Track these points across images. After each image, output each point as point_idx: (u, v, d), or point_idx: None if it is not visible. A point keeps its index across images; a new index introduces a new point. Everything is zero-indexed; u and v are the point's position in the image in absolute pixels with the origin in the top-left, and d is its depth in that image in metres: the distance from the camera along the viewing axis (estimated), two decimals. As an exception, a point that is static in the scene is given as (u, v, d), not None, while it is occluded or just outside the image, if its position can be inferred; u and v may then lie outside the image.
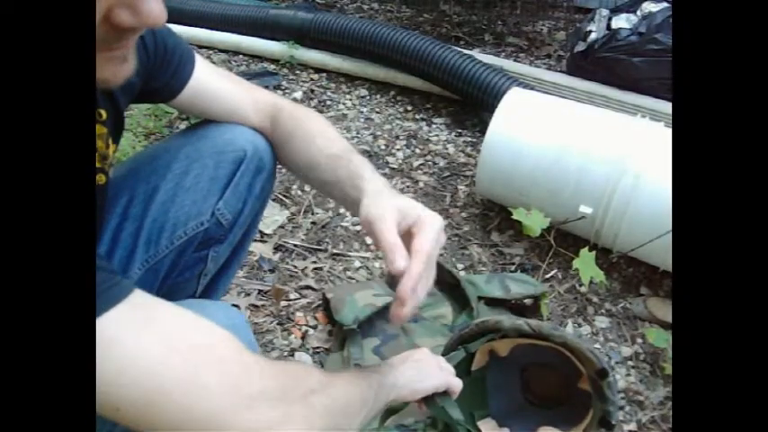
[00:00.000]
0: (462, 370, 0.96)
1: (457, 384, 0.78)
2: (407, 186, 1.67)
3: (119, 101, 0.72)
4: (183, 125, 1.88)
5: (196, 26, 2.43)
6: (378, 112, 2.03)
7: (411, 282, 0.63)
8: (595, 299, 1.34)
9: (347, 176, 0.76)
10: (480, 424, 0.97)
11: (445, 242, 1.46)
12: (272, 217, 1.51)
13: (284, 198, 1.59)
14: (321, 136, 0.81)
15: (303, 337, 1.20)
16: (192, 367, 0.48)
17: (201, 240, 0.84)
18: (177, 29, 2.43)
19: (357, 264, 1.40)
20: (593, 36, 1.91)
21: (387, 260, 0.64)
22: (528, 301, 1.29)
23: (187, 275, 0.87)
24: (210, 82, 0.82)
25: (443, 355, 0.95)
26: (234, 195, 0.84)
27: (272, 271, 1.36)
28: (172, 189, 0.80)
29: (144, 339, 0.47)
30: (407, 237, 0.66)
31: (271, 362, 0.55)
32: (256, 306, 1.26)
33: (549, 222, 1.28)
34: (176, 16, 2.47)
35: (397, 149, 1.83)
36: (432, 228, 0.66)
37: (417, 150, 1.82)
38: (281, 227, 1.49)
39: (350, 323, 1.12)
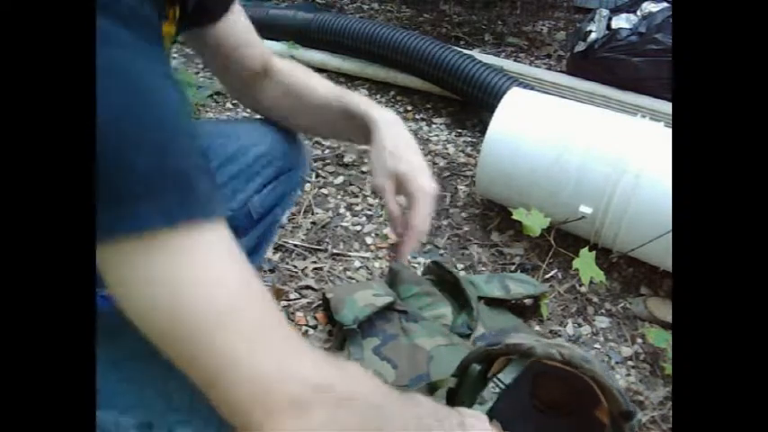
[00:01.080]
0: (479, 377, 0.96)
1: None
2: (407, 186, 1.67)
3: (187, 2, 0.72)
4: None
5: (196, 26, 2.43)
6: (378, 112, 2.03)
7: (407, 250, 0.77)
8: (595, 299, 1.34)
9: (355, 107, 0.81)
10: None
11: (445, 242, 1.46)
12: (272, 217, 1.51)
13: (284, 198, 1.60)
14: (318, 81, 0.87)
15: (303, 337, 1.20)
16: (259, 311, 0.47)
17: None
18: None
19: (357, 264, 1.40)
20: (593, 36, 1.91)
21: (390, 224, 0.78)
22: (528, 301, 1.29)
23: None
24: (239, 19, 0.86)
25: (465, 361, 0.94)
26: (270, 195, 0.88)
27: (272, 271, 1.36)
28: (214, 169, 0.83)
29: (228, 267, 0.46)
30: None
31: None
32: (256, 306, 1.26)
33: (549, 222, 1.28)
34: (176, 16, 2.46)
35: (397, 149, 1.82)
36: (424, 206, 0.76)
37: (417, 150, 1.82)
38: (281, 227, 1.49)
39: (350, 323, 1.12)
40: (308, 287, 1.32)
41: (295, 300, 1.29)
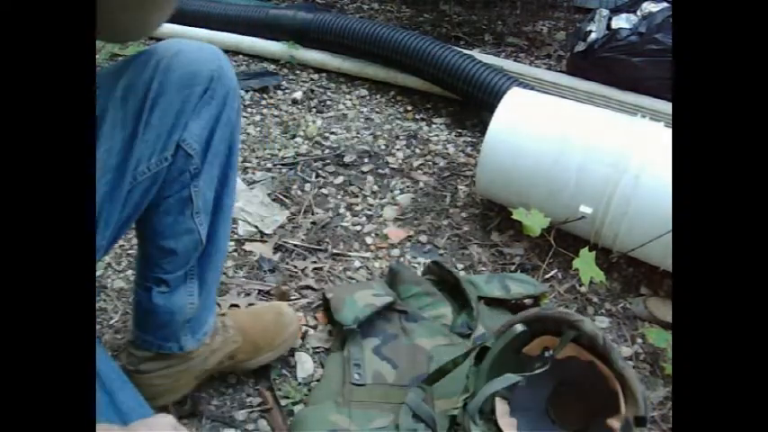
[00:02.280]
0: (513, 347, 0.96)
1: None
2: (407, 186, 1.67)
3: None
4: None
5: (196, 26, 2.43)
6: (378, 112, 2.03)
7: None
8: (595, 299, 1.34)
9: None
10: (497, 400, 0.96)
11: (445, 242, 1.46)
12: (272, 217, 1.51)
13: (284, 198, 1.59)
14: None
15: (303, 337, 1.20)
16: None
17: (174, 177, 0.84)
18: (178, 29, 2.44)
19: (357, 264, 1.40)
20: (593, 36, 1.91)
21: None
22: (528, 301, 1.29)
23: (179, 219, 0.88)
24: None
25: (512, 320, 0.95)
26: (197, 125, 0.83)
27: (272, 271, 1.36)
28: (142, 129, 0.79)
29: None
30: None
31: None
32: (256, 306, 1.26)
33: (549, 222, 1.28)
34: (177, 16, 2.47)
35: (397, 149, 1.83)
36: None
37: (417, 150, 1.82)
38: (281, 227, 1.49)
39: (350, 323, 1.12)
40: (308, 287, 1.32)
41: (295, 300, 1.29)
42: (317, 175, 1.70)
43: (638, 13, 1.88)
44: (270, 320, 1.11)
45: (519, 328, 0.93)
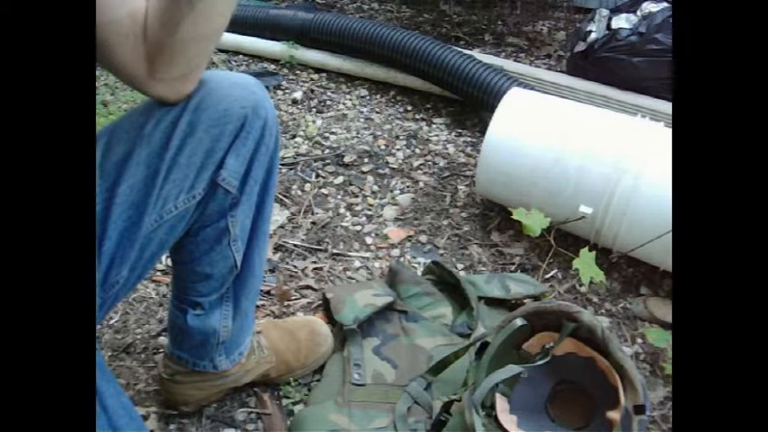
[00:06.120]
0: (513, 343, 0.95)
1: None
2: (407, 186, 1.67)
3: None
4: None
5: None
6: (378, 112, 2.03)
7: None
8: (595, 299, 1.34)
9: None
10: (497, 396, 0.96)
11: (445, 242, 1.46)
12: (273, 217, 1.50)
13: (284, 198, 1.59)
14: None
15: (303, 337, 1.20)
16: None
17: (213, 212, 0.84)
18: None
19: (357, 264, 1.40)
20: (593, 36, 1.91)
21: None
22: (528, 302, 1.29)
23: (216, 247, 0.87)
24: None
25: (511, 315, 0.95)
26: (237, 161, 0.81)
27: (272, 271, 1.36)
28: (167, 168, 0.78)
29: None
30: None
31: None
32: (256, 306, 1.26)
33: (549, 222, 1.28)
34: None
35: (397, 149, 1.83)
36: None
37: (417, 150, 1.82)
38: (281, 227, 1.49)
39: (350, 323, 1.12)
40: (308, 287, 1.32)
41: (295, 300, 1.29)
42: (317, 175, 1.70)
43: (638, 13, 1.88)
44: (303, 339, 1.10)
45: (519, 322, 0.93)
